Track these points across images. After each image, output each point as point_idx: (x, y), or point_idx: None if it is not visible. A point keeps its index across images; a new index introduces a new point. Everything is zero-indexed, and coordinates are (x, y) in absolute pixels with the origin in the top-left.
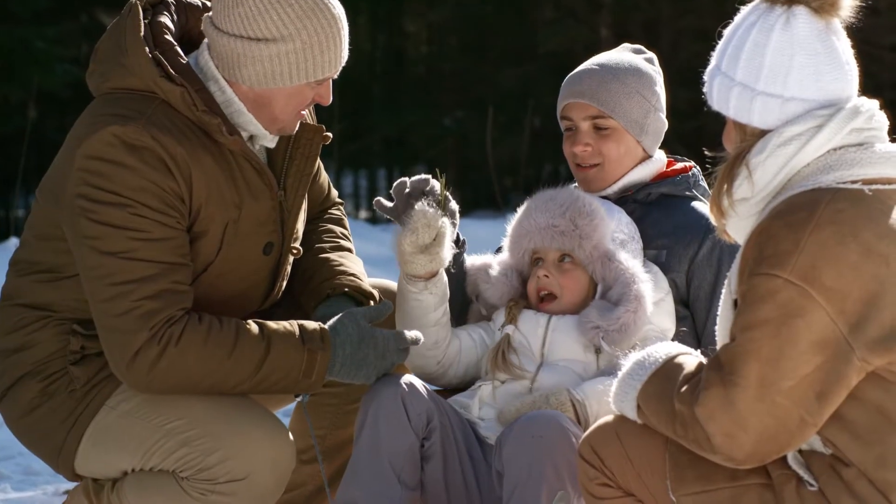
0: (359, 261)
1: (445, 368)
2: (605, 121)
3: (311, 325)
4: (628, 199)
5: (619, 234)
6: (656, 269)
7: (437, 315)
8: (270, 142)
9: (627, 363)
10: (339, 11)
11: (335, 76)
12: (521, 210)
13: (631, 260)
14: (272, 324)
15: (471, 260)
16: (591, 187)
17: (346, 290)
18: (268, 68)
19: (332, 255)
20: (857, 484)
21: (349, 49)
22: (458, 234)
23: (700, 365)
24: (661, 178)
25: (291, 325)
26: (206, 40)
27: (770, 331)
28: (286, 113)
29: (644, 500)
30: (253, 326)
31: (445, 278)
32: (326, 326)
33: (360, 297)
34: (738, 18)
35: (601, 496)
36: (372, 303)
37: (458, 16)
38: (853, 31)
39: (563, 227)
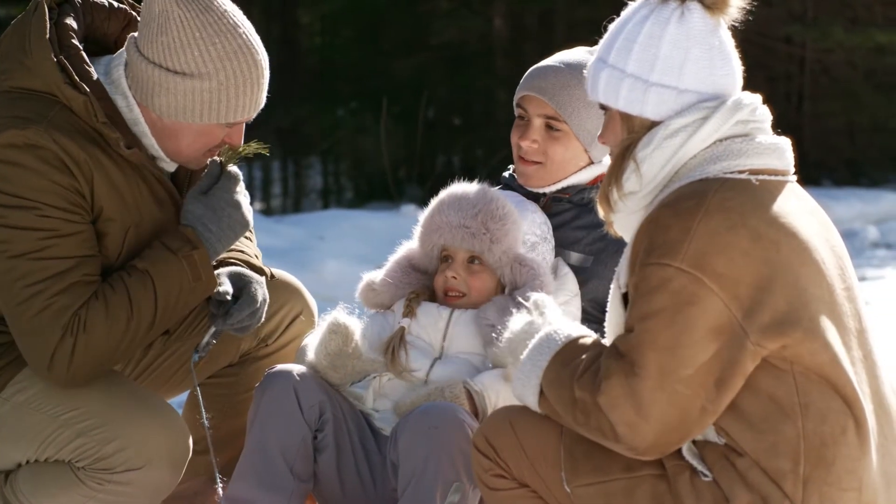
0: (256, 250)
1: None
2: (559, 123)
3: (172, 234)
4: (563, 200)
5: (530, 237)
6: (567, 269)
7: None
8: (170, 165)
9: (528, 350)
10: (263, 58)
11: (249, 120)
12: (433, 203)
13: (542, 266)
14: (141, 260)
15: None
16: (529, 183)
17: (232, 261)
18: (181, 102)
19: None
20: (751, 473)
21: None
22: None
23: (599, 347)
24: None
25: (156, 247)
26: (123, 52)
27: (665, 320)
28: (192, 149)
29: (538, 492)
30: (132, 273)
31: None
32: (184, 223)
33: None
34: (626, 13)
35: (496, 487)
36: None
37: (351, 6)
38: (747, 22)
39: (473, 228)
